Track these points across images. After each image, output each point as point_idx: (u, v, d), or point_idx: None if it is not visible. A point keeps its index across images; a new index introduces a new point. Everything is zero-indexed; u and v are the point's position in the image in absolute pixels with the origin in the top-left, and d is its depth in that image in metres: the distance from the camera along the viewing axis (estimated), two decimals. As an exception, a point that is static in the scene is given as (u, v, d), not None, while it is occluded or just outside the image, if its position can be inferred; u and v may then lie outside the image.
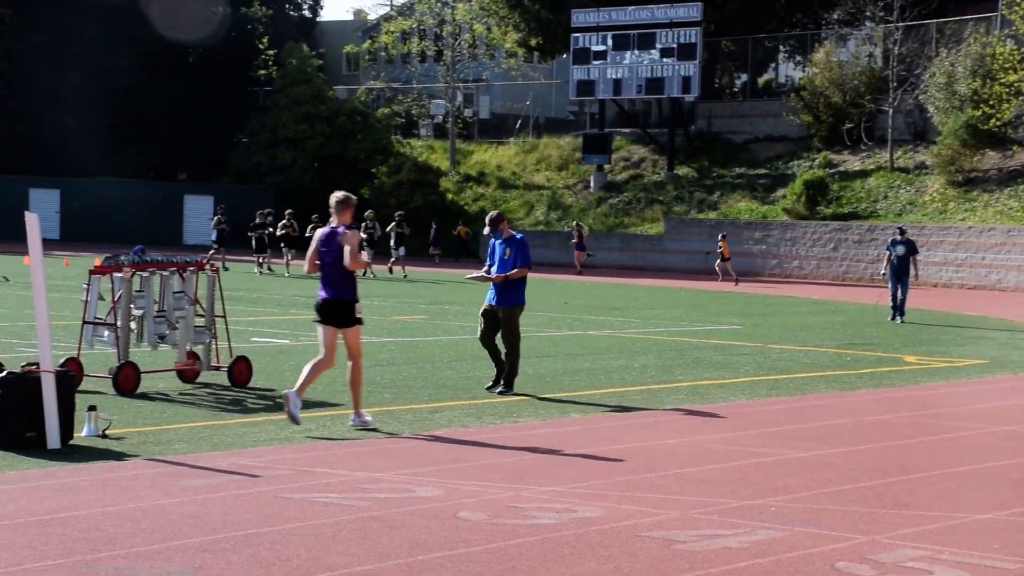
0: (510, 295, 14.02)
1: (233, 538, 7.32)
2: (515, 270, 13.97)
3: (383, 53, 69.68)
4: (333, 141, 61.24)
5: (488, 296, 14.13)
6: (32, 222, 10.35)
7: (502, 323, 13.95)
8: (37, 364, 10.12)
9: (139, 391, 12.94)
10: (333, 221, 11.52)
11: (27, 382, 9.94)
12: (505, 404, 13.19)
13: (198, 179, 67.97)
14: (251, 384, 13.81)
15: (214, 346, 14.09)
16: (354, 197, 11.75)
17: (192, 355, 13.87)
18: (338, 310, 11.42)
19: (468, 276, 15.08)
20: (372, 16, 75.46)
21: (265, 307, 25.55)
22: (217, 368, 14.01)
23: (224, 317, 14.29)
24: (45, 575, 6.43)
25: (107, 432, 10.49)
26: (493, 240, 14.35)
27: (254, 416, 11.93)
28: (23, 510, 7.81)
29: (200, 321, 13.96)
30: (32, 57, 64.73)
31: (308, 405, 12.60)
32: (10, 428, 9.80)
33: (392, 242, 40.01)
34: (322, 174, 61.07)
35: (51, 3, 65.34)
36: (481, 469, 9.67)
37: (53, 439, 9.86)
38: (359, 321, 11.52)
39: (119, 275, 13.36)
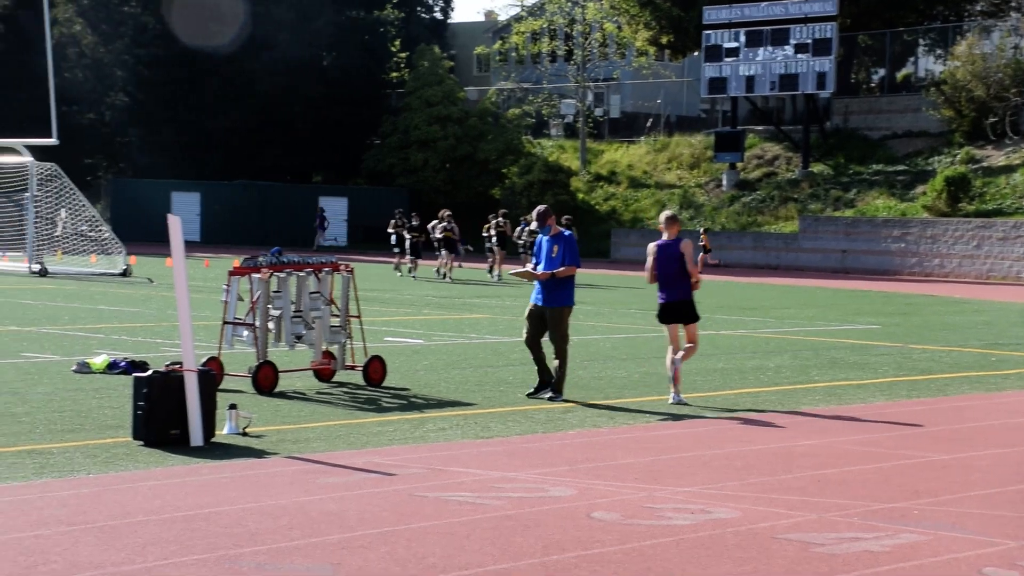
0: (558, 295, 13.23)
1: (370, 535, 7.41)
2: (562, 268, 13.18)
3: (513, 54, 69.93)
4: (464, 142, 61.68)
5: (533, 296, 13.42)
6: (175, 225, 10.61)
7: (549, 325, 13.21)
8: (181, 363, 10.37)
9: (277, 390, 13.18)
10: (664, 235, 13.45)
11: (171, 381, 10.19)
12: (637, 404, 13.12)
13: (332, 181, 69.04)
14: (385, 383, 13.97)
15: (349, 346, 14.28)
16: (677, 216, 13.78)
17: (328, 355, 14.08)
18: (682, 308, 13.44)
19: (512, 272, 14.81)
20: (503, 17, 75.73)
21: (399, 307, 25.84)
22: (352, 367, 14.20)
23: (359, 317, 14.48)
24: (191, 569, 6.58)
25: (247, 430, 10.70)
26: (540, 236, 13.64)
27: (388, 415, 12.07)
28: (169, 506, 8.01)
29: (335, 321, 14.17)
30: (173, 64, 66.46)
31: (441, 404, 12.70)
32: (156, 426, 10.05)
33: (494, 241, 37.44)
34: (453, 175, 61.56)
35: (191, 10, 66.96)
36: (614, 469, 9.64)
37: (196, 437, 10.09)
38: (698, 317, 13.56)
39: (258, 276, 13.62)
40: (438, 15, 77.52)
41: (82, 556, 6.73)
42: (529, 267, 13.75)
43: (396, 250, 38.08)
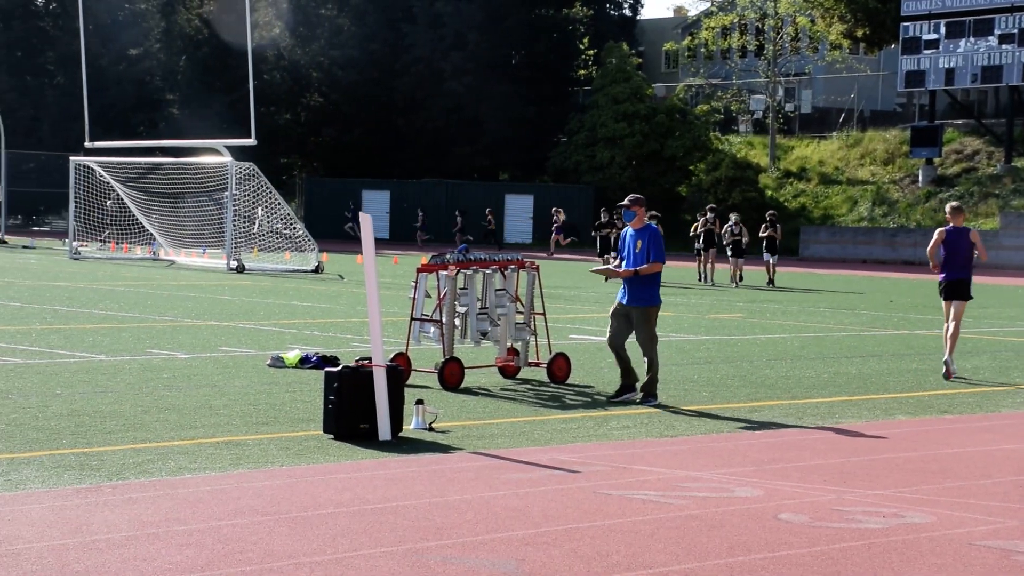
0: (642, 293, 12.69)
1: (554, 532, 7.41)
2: (645, 265, 12.63)
3: (703, 49, 69.30)
4: (651, 139, 61.39)
5: (619, 294, 12.92)
6: (366, 222, 10.82)
7: (635, 326, 12.70)
8: (370, 359, 10.56)
9: (463, 386, 13.31)
10: (951, 223, 15.48)
11: (361, 376, 10.38)
12: (827, 404, 12.83)
13: (519, 179, 69.56)
14: (569, 380, 13.98)
15: (534, 343, 14.34)
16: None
17: (513, 351, 14.16)
18: (962, 287, 15.54)
19: (593, 269, 14.48)
20: (692, 13, 75.08)
21: (583, 304, 25.85)
22: (536, 364, 14.25)
23: (544, 314, 14.52)
24: (379, 561, 6.69)
25: (434, 425, 10.84)
26: (626, 228, 13.07)
27: (573, 412, 12.07)
28: (359, 498, 8.16)
29: (520, 318, 14.24)
30: (365, 65, 67.92)
31: (625, 402, 12.64)
32: (345, 420, 10.25)
33: (702, 242, 35.40)
34: (639, 172, 61.33)
35: (384, 12, 68.37)
36: (802, 470, 9.43)
37: (384, 431, 10.26)
38: (971, 296, 15.70)
39: (445, 273, 13.79)
40: (627, 12, 77.30)
41: (276, 545, 6.91)
42: (612, 264, 13.25)
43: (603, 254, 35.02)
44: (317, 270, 34.37)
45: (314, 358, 14.50)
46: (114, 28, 69.53)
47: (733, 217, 35.04)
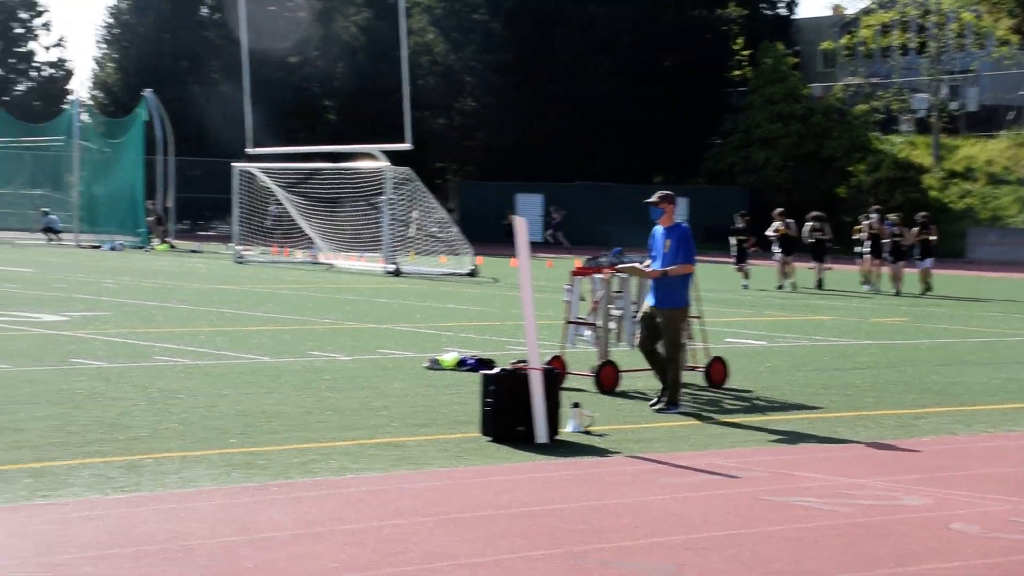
0: (670, 295, 12.13)
1: (714, 537, 7.33)
2: (674, 266, 12.08)
3: (861, 48, 67.87)
4: (807, 140, 60.40)
5: (648, 296, 12.45)
6: (520, 226, 10.85)
7: (662, 329, 12.14)
8: (526, 361, 10.59)
9: (619, 389, 13.26)
10: None
11: (517, 379, 10.42)
12: (999, 412, 12.43)
13: (672, 181, 69.11)
14: (727, 385, 13.82)
15: (690, 347, 14.21)
16: None
17: (670, 355, 14.05)
18: None
19: (619, 268, 13.82)
20: (851, 11, 73.58)
21: (739, 308, 25.55)
22: (693, 368, 14.12)
23: (700, 318, 14.39)
24: (538, 564, 6.70)
25: (590, 428, 10.82)
26: (655, 227, 12.47)
27: (731, 417, 11.93)
28: (516, 501, 8.19)
29: (678, 321, 14.11)
30: (517, 69, 68.26)
31: (785, 407, 12.45)
32: (502, 422, 10.30)
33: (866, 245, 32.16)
34: (795, 173, 60.39)
35: (536, 16, 68.64)
36: (973, 479, 9.15)
37: (541, 434, 10.28)
38: None
39: (599, 276, 13.76)
40: (782, 11, 76.15)
41: (436, 546, 6.98)
42: (643, 264, 12.66)
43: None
44: (472, 273, 34.65)
45: (471, 361, 14.61)
46: (274, 37, 71.21)
47: (871, 209, 32.93)
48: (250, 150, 39.35)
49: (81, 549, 6.63)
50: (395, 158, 37.83)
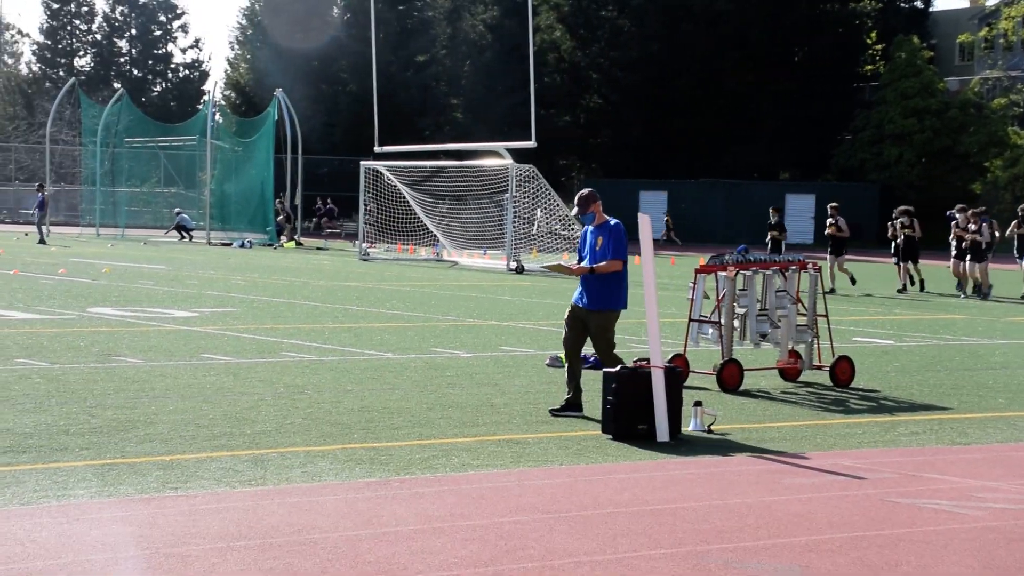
0: (601, 295, 11.21)
1: (839, 539, 7.20)
2: (604, 263, 11.13)
3: (1001, 40, 66.11)
4: (942, 135, 59.10)
5: (575, 296, 11.51)
6: (644, 223, 10.79)
7: (592, 333, 11.26)
8: (647, 360, 10.54)
9: (742, 388, 13.12)
10: None
11: (639, 377, 10.37)
12: None
13: (799, 178, 68.15)
14: (853, 384, 13.58)
15: (816, 345, 14.00)
16: None
17: (794, 354, 13.87)
18: None
19: (544, 265, 13.25)
20: (990, 2, 71.73)
21: (868, 306, 25.08)
22: (819, 367, 13.91)
23: (826, 316, 14.16)
24: (660, 563, 6.66)
25: (712, 427, 10.72)
26: (585, 228, 11.61)
27: (857, 417, 11.71)
28: (637, 499, 8.15)
29: (802, 320, 13.93)
30: (644, 65, 67.94)
31: (914, 408, 12.19)
32: (624, 420, 10.27)
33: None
34: (929, 169, 59.13)
35: (665, 12, 68.25)
36: (1110, 485, 8.85)
37: (662, 432, 10.22)
38: None
39: (723, 274, 13.63)
40: (918, 4, 74.56)
41: (557, 543, 6.97)
42: (564, 260, 12.03)
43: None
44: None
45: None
46: (403, 36, 71.98)
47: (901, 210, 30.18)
48: (377, 148, 39.79)
49: (209, 541, 6.77)
50: (519, 156, 37.92)
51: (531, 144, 34.86)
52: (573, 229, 38.37)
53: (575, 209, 11.39)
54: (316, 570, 6.31)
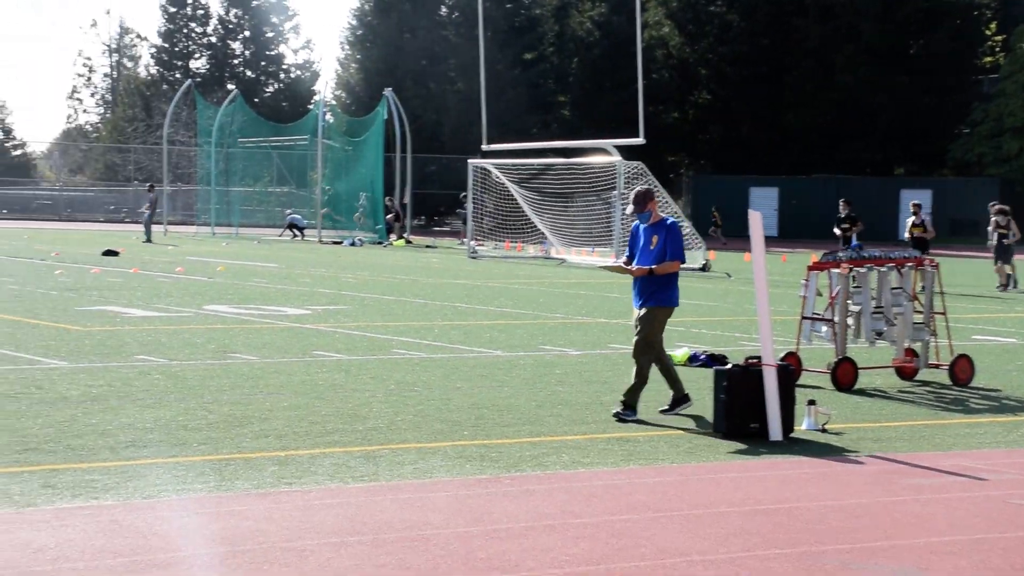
0: (654, 293, 10.93)
1: (959, 542, 7.04)
2: (664, 264, 10.89)
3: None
4: (1066, 128, 57.64)
5: (633, 298, 11.23)
6: (755, 220, 10.67)
7: (640, 324, 10.95)
8: (759, 358, 10.42)
9: (856, 387, 12.91)
10: None
11: (750, 375, 10.26)
12: None
13: (915, 173, 66.91)
14: (973, 384, 13.28)
15: (933, 343, 13.72)
16: None
17: (910, 352, 13.61)
18: None
19: (601, 265, 12.71)
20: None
21: (988, 304, 24.52)
22: (937, 366, 13.63)
23: (944, 314, 13.87)
24: (774, 563, 6.58)
25: (826, 427, 10.56)
26: (637, 223, 11.29)
27: (977, 417, 11.45)
28: (750, 498, 8.06)
29: (919, 318, 13.67)
30: (754, 60, 67.28)
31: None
32: (735, 419, 10.16)
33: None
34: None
35: (775, 5, 67.46)
36: None
37: (775, 431, 10.10)
38: None
39: (837, 271, 13.43)
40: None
41: (668, 542, 6.93)
42: (621, 261, 11.52)
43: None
44: (704, 268, 34.34)
45: (702, 356, 14.48)
46: (511, 34, 72.15)
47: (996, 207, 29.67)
48: (485, 147, 39.95)
49: (323, 535, 6.84)
50: (627, 153, 37.79)
51: (639, 141, 34.70)
52: (682, 227, 38.12)
53: (630, 207, 11.09)
54: (428, 566, 6.35)
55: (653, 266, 10.90)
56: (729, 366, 10.51)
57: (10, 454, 8.62)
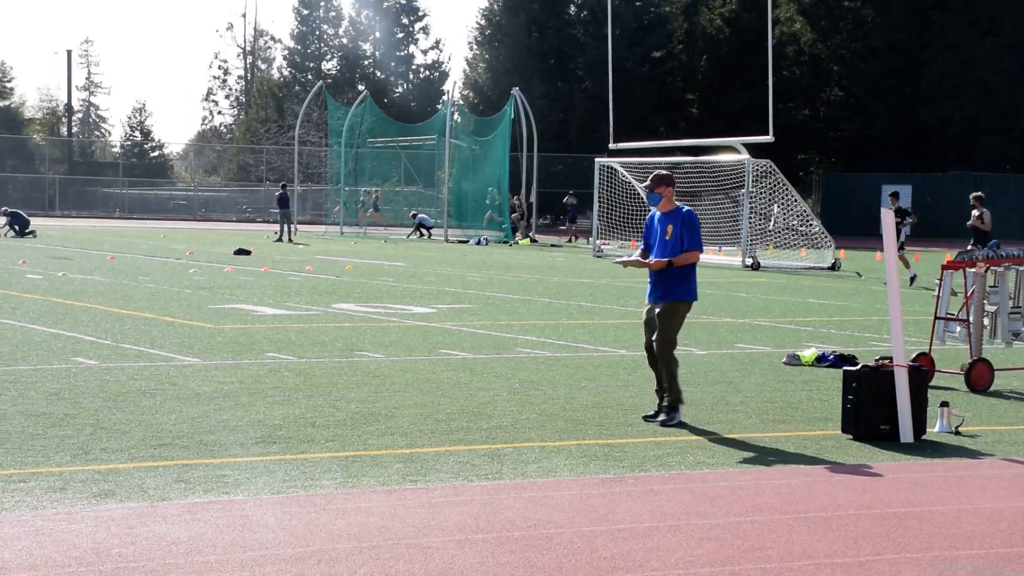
0: (672, 287, 10.40)
1: (1098, 551, 6.81)
2: (682, 255, 10.38)
3: None
4: None
5: (647, 292, 10.71)
6: (887, 218, 10.47)
7: (658, 321, 10.39)
8: (890, 358, 10.22)
9: (992, 389, 12.59)
10: None
11: (881, 376, 10.07)
12: None
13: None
14: (1116, 387, 12.85)
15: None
16: None
17: (1050, 354, 13.22)
18: None
19: (617, 260, 12.10)
20: None
21: None
22: (1078, 368, 13.21)
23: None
24: (904, 567, 6.44)
25: (960, 429, 10.32)
26: (652, 214, 10.78)
27: (1120, 421, 11.07)
28: (880, 501, 7.91)
29: (1059, 318, 13.27)
30: (889, 56, 65.98)
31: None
32: (865, 421, 9.98)
33: None
34: None
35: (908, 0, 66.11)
36: None
37: (906, 433, 9.89)
38: None
39: (972, 270, 13.10)
40: None
41: (795, 545, 6.83)
42: (636, 254, 10.89)
43: None
44: (834, 267, 33.82)
45: (831, 356, 14.25)
46: (639, 32, 71.87)
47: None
48: (612, 145, 39.85)
49: (447, 533, 6.89)
50: (756, 151, 37.38)
51: (768, 138, 34.30)
52: (812, 225, 37.58)
53: (647, 181, 10.65)
54: (552, 565, 6.35)
55: (671, 258, 10.40)
56: (859, 367, 10.33)
57: (145, 449, 8.86)
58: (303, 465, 8.50)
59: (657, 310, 10.46)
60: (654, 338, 10.49)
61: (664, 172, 10.69)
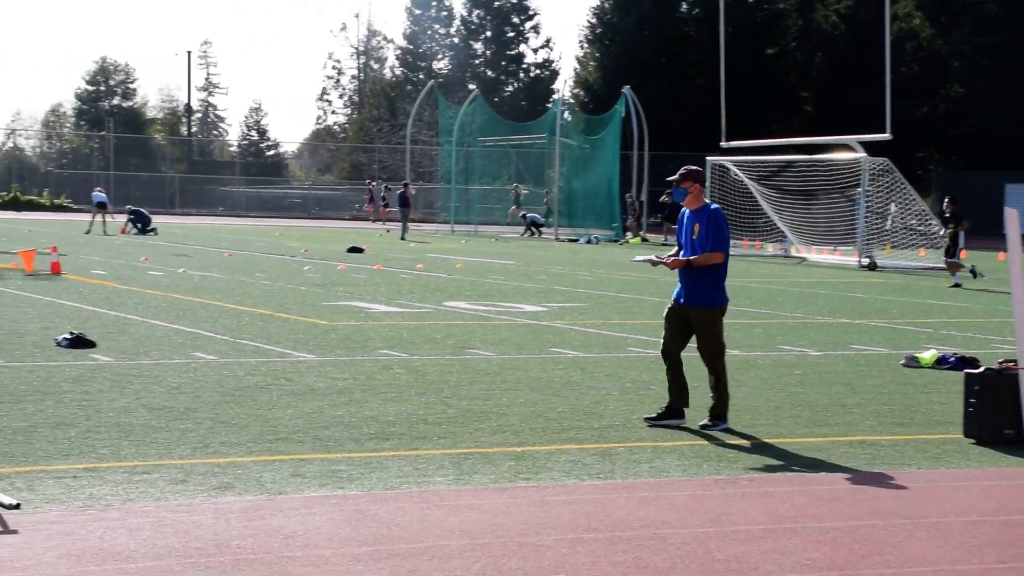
0: (703, 291, 10.04)
1: None
2: (702, 255, 9.96)
3: None
4: None
5: (676, 291, 10.32)
6: (1012, 218, 10.19)
7: (697, 332, 10.11)
8: (1015, 361, 9.94)
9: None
10: None
11: (1006, 379, 9.81)
12: None
13: None
14: None
15: None
16: None
17: None
18: None
19: (634, 259, 11.28)
20: None
21: None
22: None
23: None
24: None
25: (1088, 435, 10.00)
26: (683, 211, 10.27)
27: None
28: (1004, 508, 7.70)
29: None
30: (1013, 51, 64.42)
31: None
32: (988, 424, 9.74)
33: None
34: None
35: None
36: None
37: (1031, 438, 9.62)
38: None
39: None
40: None
41: (916, 550, 6.68)
42: (670, 254, 10.39)
43: None
44: (973, 273, 33.11)
45: (952, 359, 13.94)
46: (752, 29, 71.10)
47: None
48: (724, 144, 39.48)
49: (559, 532, 6.86)
50: (873, 149, 36.75)
51: (885, 136, 33.71)
52: (931, 225, 36.84)
53: (676, 175, 10.18)
54: (665, 566, 6.29)
55: (690, 258, 10.03)
56: (981, 369, 10.07)
57: (262, 443, 8.98)
58: (415, 461, 8.54)
59: (693, 319, 10.13)
60: (688, 344, 10.25)
61: (694, 167, 10.32)
